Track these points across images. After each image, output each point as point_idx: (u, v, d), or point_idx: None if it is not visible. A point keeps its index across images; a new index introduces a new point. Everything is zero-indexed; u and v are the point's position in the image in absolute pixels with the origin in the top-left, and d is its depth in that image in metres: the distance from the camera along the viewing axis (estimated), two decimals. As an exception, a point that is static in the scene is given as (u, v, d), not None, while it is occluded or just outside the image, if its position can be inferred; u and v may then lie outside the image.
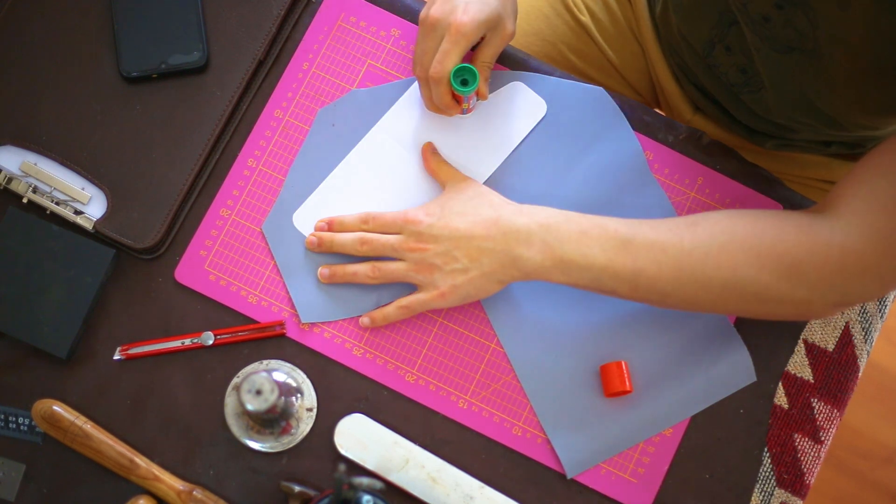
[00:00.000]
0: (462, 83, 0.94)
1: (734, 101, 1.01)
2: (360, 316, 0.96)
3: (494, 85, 1.01)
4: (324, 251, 0.97)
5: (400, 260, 0.94)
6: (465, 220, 0.92)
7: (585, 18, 1.16)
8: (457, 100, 0.96)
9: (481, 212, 0.92)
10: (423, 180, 0.99)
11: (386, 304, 0.96)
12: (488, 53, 0.95)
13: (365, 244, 0.94)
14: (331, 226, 0.97)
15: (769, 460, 0.96)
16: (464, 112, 0.98)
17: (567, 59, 1.16)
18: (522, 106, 1.00)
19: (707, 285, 0.86)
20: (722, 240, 0.86)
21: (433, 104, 0.96)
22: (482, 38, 0.95)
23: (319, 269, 0.97)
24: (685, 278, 0.87)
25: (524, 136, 0.99)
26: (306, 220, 0.98)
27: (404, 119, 1.00)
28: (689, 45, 1.02)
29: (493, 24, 0.93)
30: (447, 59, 0.91)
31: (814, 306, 0.86)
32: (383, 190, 0.98)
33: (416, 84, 1.00)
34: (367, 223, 0.96)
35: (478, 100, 0.98)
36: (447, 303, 0.93)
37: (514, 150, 0.99)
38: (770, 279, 0.84)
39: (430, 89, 0.94)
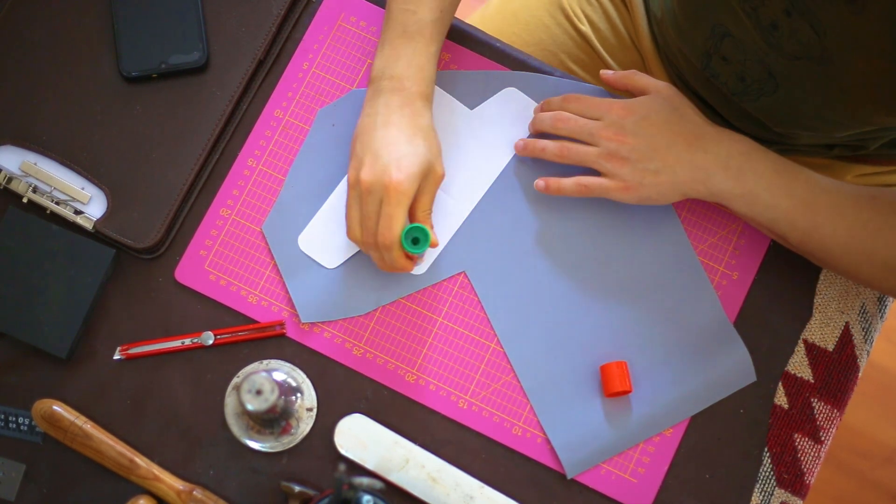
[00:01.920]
0: (413, 242, 0.91)
1: (734, 110, 1.01)
2: (537, 181, 0.96)
3: (493, 88, 1.00)
4: (531, 130, 0.98)
5: (592, 145, 0.94)
6: (669, 127, 0.92)
7: (585, 28, 1.16)
8: (409, 257, 0.93)
9: (685, 126, 0.92)
10: None
11: (575, 177, 0.95)
12: (426, 202, 0.92)
13: (561, 122, 0.95)
14: (541, 105, 0.98)
15: (769, 460, 0.96)
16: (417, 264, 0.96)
17: (567, 68, 1.16)
18: (519, 111, 1.00)
19: (871, 259, 0.89)
20: (894, 221, 0.89)
21: (386, 265, 0.93)
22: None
23: (516, 141, 0.98)
24: (854, 247, 0.89)
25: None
26: (311, 242, 0.98)
27: None
28: (686, 58, 1.02)
29: (426, 173, 0.91)
30: (394, 224, 0.89)
31: None
32: None
33: None
34: (569, 102, 0.96)
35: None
36: (627, 197, 0.93)
37: (516, 154, 0.99)
38: None
39: (380, 254, 0.91)
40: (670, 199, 0.93)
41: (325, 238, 0.98)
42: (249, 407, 0.86)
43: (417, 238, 0.91)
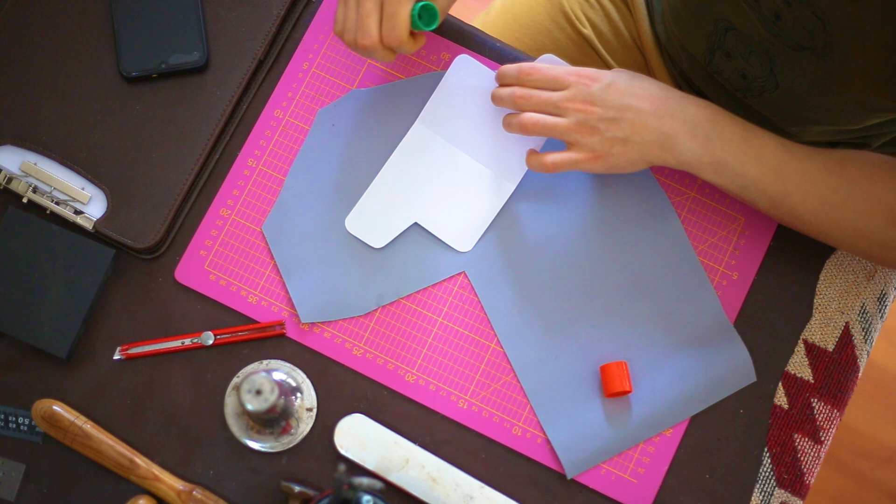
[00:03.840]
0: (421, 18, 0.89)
1: (739, 107, 1.01)
2: (532, 158, 0.93)
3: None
4: (495, 104, 0.96)
5: (558, 116, 0.92)
6: (635, 94, 0.90)
7: (587, 31, 1.16)
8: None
9: (651, 89, 0.91)
10: (472, 169, 0.98)
11: (546, 155, 0.92)
12: None
13: (523, 98, 0.92)
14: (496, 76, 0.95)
15: (769, 460, 0.96)
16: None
17: None
18: None
19: (841, 225, 0.90)
20: (864, 186, 0.89)
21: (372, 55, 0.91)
22: None
23: (505, 118, 0.94)
24: (825, 214, 0.90)
25: None
26: (358, 224, 0.97)
27: (442, 110, 0.99)
28: (689, 55, 1.02)
29: None
30: (399, 23, 0.87)
31: None
32: (432, 184, 0.98)
33: (447, 75, 0.99)
34: (527, 75, 0.93)
35: None
36: (595, 167, 0.91)
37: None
38: None
39: (378, 54, 0.90)
40: (637, 166, 0.92)
41: (373, 219, 0.97)
42: (249, 407, 0.86)
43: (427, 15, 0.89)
